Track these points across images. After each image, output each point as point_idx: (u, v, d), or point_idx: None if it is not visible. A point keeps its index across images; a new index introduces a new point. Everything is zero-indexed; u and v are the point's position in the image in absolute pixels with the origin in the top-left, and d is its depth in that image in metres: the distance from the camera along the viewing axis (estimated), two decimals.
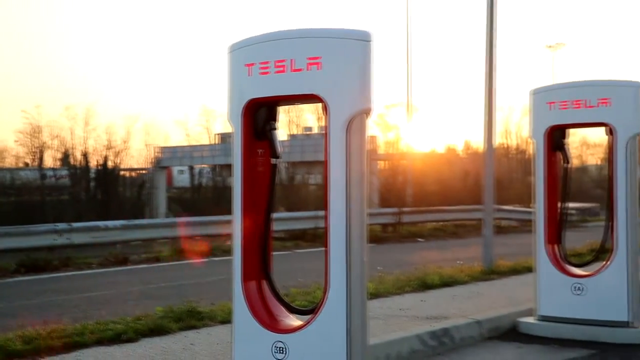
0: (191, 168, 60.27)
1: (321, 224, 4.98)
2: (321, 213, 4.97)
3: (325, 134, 4.85)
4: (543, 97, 8.19)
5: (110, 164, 50.75)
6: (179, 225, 22.13)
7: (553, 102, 8.06)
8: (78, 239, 18.02)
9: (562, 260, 8.19)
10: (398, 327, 7.52)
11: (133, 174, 59.62)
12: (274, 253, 5.62)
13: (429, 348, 7.25)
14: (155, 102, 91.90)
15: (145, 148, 60.10)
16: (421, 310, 8.50)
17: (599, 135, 8.76)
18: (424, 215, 28.20)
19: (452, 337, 7.55)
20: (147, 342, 7.06)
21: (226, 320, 7.52)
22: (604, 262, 7.95)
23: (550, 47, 61.66)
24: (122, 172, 54.55)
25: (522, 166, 56.19)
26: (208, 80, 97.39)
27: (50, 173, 50.56)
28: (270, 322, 5.12)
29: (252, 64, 5.03)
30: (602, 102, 7.80)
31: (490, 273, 11.75)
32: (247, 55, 5.09)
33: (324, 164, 4.86)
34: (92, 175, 49.12)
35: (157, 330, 7.42)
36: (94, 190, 47.99)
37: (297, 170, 52.25)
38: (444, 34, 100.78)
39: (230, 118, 5.24)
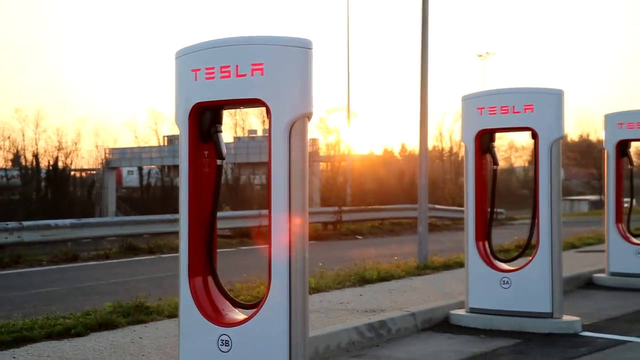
0: (140, 169, 59.91)
1: (265, 222, 4.98)
2: (265, 212, 4.97)
3: (268, 137, 4.86)
4: (473, 103, 8.27)
5: (60, 164, 50.15)
6: (128, 224, 21.97)
7: (482, 108, 8.15)
8: (29, 237, 17.77)
9: (490, 256, 8.28)
10: (337, 320, 7.54)
11: (83, 174, 59.05)
12: (220, 250, 5.61)
13: (367, 339, 7.29)
14: (105, 105, 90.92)
15: (95, 149, 59.66)
16: (359, 304, 8.54)
17: (525, 139, 8.93)
18: (362, 214, 28.34)
19: (388, 328, 7.60)
20: (96, 337, 6.98)
21: (173, 314, 7.47)
22: (529, 258, 8.05)
23: (480, 56, 62.43)
24: (72, 173, 53.94)
25: (454, 168, 56.93)
26: (156, 83, 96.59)
27: (2, 173, 49.66)
28: (216, 316, 5.10)
29: (198, 70, 5.02)
30: (527, 108, 7.91)
31: (425, 268, 11.84)
32: (193, 61, 5.07)
33: (267, 165, 4.87)
34: (43, 175, 48.44)
35: (106, 325, 7.34)
36: (45, 190, 47.34)
37: (242, 171, 52.25)
38: (382, 43, 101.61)
39: (177, 121, 5.22)
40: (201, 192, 5.21)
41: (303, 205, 4.83)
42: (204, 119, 5.14)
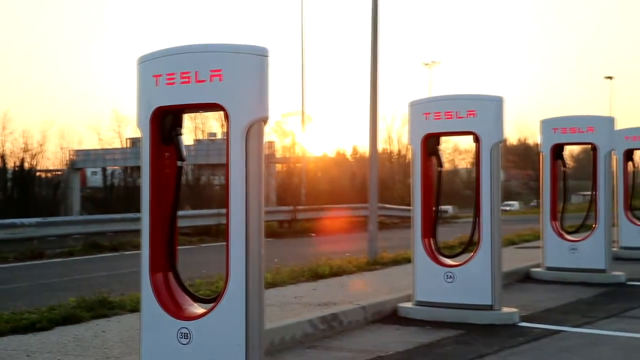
0: (104, 170, 59.43)
1: (223, 220, 4.97)
2: (223, 211, 4.95)
3: (226, 140, 4.84)
4: (420, 108, 8.30)
5: (26, 165, 49.33)
6: (92, 222, 21.75)
7: (429, 113, 8.19)
8: None
9: (436, 252, 8.33)
10: (292, 313, 7.53)
11: (49, 174, 58.27)
12: (180, 247, 5.57)
13: (320, 331, 7.29)
14: (70, 108, 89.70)
15: (61, 151, 58.96)
16: (313, 298, 8.53)
17: (468, 143, 9.03)
18: (316, 213, 28.38)
19: (340, 321, 7.61)
20: (60, 330, 6.87)
21: (135, 309, 7.38)
22: (472, 254, 8.13)
23: (426, 64, 62.98)
24: (38, 173, 53.16)
25: (403, 169, 57.20)
26: (119, 88, 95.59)
27: None
28: (176, 310, 5.07)
29: (160, 75, 4.98)
30: (470, 114, 7.97)
31: (375, 264, 11.88)
32: (154, 67, 5.03)
33: (225, 167, 4.85)
34: (10, 176, 47.64)
35: (70, 319, 7.23)
36: (11, 190, 46.55)
37: (202, 171, 52.03)
38: (336, 51, 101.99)
39: (139, 124, 5.18)
40: (162, 192, 5.17)
41: (259, 205, 4.83)
42: (165, 123, 5.11)
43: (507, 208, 54.24)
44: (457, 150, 69.24)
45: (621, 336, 7.22)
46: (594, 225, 11.17)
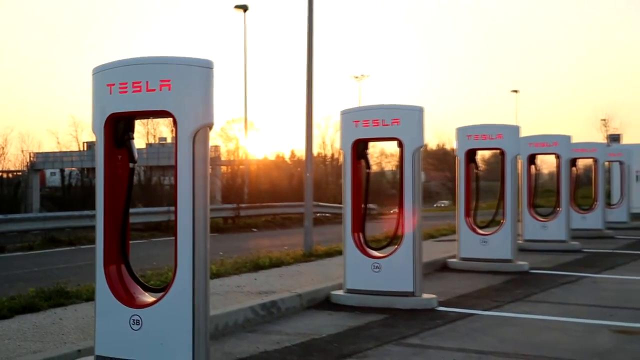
0: (62, 171, 58.41)
1: (173, 217, 4.93)
2: (173, 208, 4.93)
3: (175, 144, 4.82)
4: (350, 116, 8.31)
5: None
6: (50, 219, 21.31)
7: (358, 121, 8.21)
8: None
9: (364, 245, 8.35)
10: (235, 301, 7.49)
11: (10, 175, 56.85)
12: (133, 242, 5.49)
13: (260, 317, 7.27)
14: (30, 114, 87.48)
15: (21, 153, 57.75)
16: (254, 287, 8.50)
17: (393, 147, 9.09)
18: (258, 210, 28.25)
19: (278, 307, 7.60)
20: (20, 319, 6.69)
21: (90, 298, 7.24)
22: (396, 247, 8.18)
23: (356, 77, 63.30)
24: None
25: (335, 171, 57.42)
26: (76, 95, 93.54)
27: None
28: (128, 299, 5.02)
29: (113, 84, 4.93)
30: (395, 122, 8.02)
31: (310, 256, 11.89)
32: (108, 76, 4.98)
33: (174, 168, 4.82)
34: None
35: (29, 308, 7.05)
36: None
37: (153, 173, 51.44)
38: (276, 63, 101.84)
39: (94, 129, 5.12)
40: (115, 191, 5.13)
41: (205, 203, 4.82)
42: (117, 128, 5.07)
43: (442, 205, 55.81)
44: (383, 154, 69.82)
45: (525, 317, 7.39)
46: (501, 221, 11.36)
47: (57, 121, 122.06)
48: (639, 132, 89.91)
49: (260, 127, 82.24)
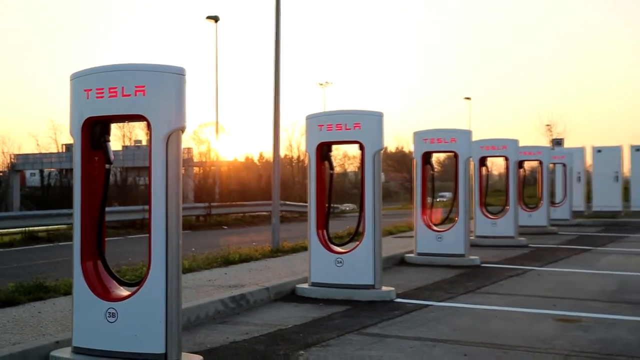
0: (41, 171, 57.57)
1: (147, 215, 4.89)
2: (147, 207, 4.89)
3: (149, 146, 4.78)
4: (315, 121, 8.27)
5: None
6: (30, 217, 20.99)
7: (322, 125, 8.18)
8: None
9: (328, 241, 8.35)
10: (206, 294, 7.45)
11: None
12: (109, 239, 5.44)
13: (230, 309, 7.24)
14: (11, 117, 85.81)
15: (2, 155, 56.74)
16: (224, 281, 8.46)
17: (355, 150, 9.08)
18: (228, 209, 28.11)
19: (247, 300, 7.58)
20: (0, 312, 6.56)
21: (68, 292, 7.11)
22: (357, 243, 8.20)
23: (321, 84, 63.41)
24: None
25: (301, 172, 57.43)
26: (55, 99, 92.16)
27: None
28: (104, 293, 4.97)
29: (90, 90, 4.89)
30: (356, 126, 8.00)
31: (277, 252, 11.87)
32: (85, 82, 4.93)
33: (148, 169, 4.78)
34: None
35: (9, 302, 6.91)
36: None
37: (129, 173, 50.97)
38: (245, 69, 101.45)
39: (71, 132, 5.07)
40: (92, 190, 5.08)
41: (178, 202, 4.79)
42: (94, 131, 5.03)
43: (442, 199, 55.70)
44: (346, 156, 69.95)
45: (476, 308, 7.47)
46: (455, 218, 11.48)
47: (37, 124, 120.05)
48: (580, 136, 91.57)
49: (230, 130, 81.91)
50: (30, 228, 19.16)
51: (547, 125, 60.26)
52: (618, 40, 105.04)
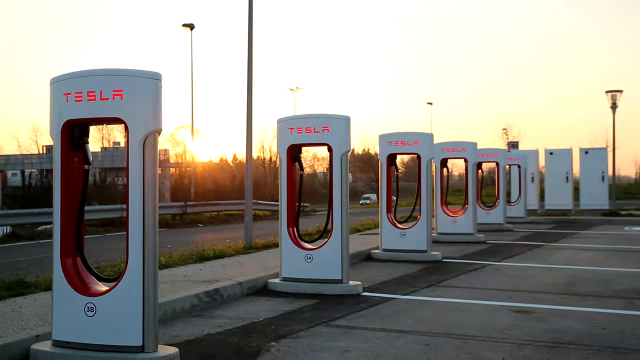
0: (23, 172, 56.62)
1: (125, 214, 4.84)
2: (125, 206, 4.83)
3: (126, 148, 4.74)
4: (285, 124, 8.22)
5: None
6: (12, 216, 20.61)
7: (292, 128, 8.11)
8: None
9: (298, 238, 8.33)
10: (182, 289, 7.39)
11: None
12: (88, 236, 5.37)
13: (205, 303, 7.20)
14: None
15: None
16: (199, 276, 8.41)
17: (324, 152, 9.11)
18: (203, 207, 27.95)
19: (221, 294, 7.54)
20: None
21: (48, 288, 7.03)
22: (326, 239, 8.19)
23: (291, 89, 63.28)
24: None
25: (273, 172, 57.31)
26: (36, 102, 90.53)
27: None
28: (83, 288, 4.91)
29: (69, 93, 4.82)
30: (325, 129, 7.99)
31: (250, 248, 11.82)
32: (65, 86, 4.86)
33: (126, 170, 4.73)
34: None
35: None
36: None
37: (108, 174, 50.50)
38: (220, 74, 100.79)
39: (51, 134, 4.99)
40: (71, 190, 5.01)
41: (154, 201, 4.75)
42: (73, 133, 4.97)
43: (367, 202, 55.93)
44: (315, 158, 70.05)
45: (437, 300, 7.53)
46: (418, 217, 11.55)
47: (18, 126, 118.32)
48: (534, 139, 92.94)
49: (205, 132, 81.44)
50: (12, 226, 18.82)
51: (504, 129, 61.07)
52: (569, 49, 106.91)
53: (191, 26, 34.49)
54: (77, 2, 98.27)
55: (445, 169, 15.04)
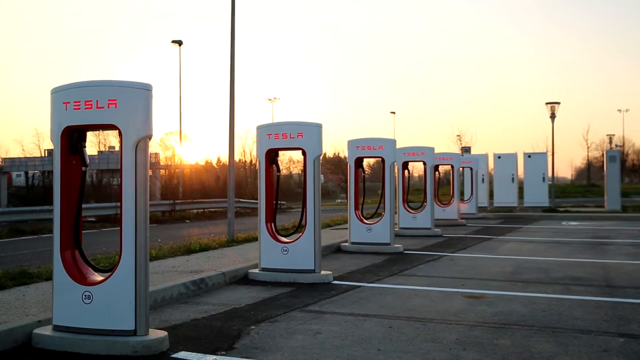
0: (26, 173, 56.05)
1: (119, 211, 4.80)
2: (119, 204, 4.80)
3: (120, 151, 4.70)
4: (264, 130, 8.16)
5: None
6: (16, 213, 20.30)
7: (270, 134, 8.06)
8: None
9: (276, 233, 8.31)
10: (170, 279, 7.34)
11: None
12: (86, 231, 5.30)
13: (191, 291, 7.16)
14: None
15: None
16: (187, 267, 8.35)
17: (299, 155, 9.09)
18: (190, 205, 27.72)
19: (206, 283, 7.50)
20: None
21: (49, 278, 6.91)
22: (300, 234, 8.20)
23: (269, 99, 63.01)
24: None
25: (253, 174, 57.07)
26: (39, 111, 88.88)
27: None
28: (80, 278, 4.86)
29: (68, 102, 4.78)
30: (299, 135, 8.00)
31: (232, 242, 11.78)
32: (64, 96, 4.81)
33: (120, 172, 4.69)
34: None
35: None
36: None
37: (104, 175, 49.91)
38: (206, 83, 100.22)
39: (52, 139, 4.94)
40: (70, 189, 4.96)
41: (145, 199, 4.72)
42: (72, 138, 4.92)
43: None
44: (291, 160, 69.87)
45: (399, 288, 7.57)
46: (382, 213, 11.62)
47: (23, 132, 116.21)
48: (484, 144, 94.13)
49: (192, 137, 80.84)
50: (16, 222, 18.57)
51: (458, 135, 61.66)
52: (513, 65, 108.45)
53: (180, 42, 34.40)
54: (77, 21, 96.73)
55: (406, 171, 15.16)
